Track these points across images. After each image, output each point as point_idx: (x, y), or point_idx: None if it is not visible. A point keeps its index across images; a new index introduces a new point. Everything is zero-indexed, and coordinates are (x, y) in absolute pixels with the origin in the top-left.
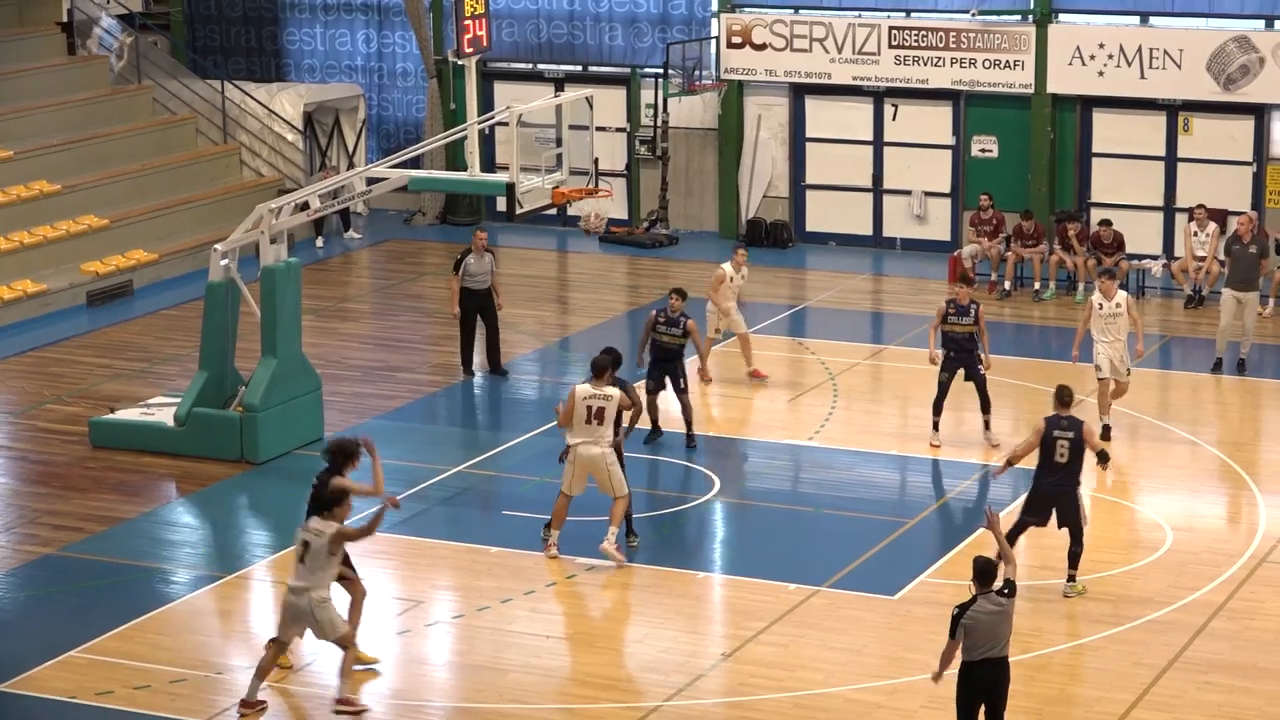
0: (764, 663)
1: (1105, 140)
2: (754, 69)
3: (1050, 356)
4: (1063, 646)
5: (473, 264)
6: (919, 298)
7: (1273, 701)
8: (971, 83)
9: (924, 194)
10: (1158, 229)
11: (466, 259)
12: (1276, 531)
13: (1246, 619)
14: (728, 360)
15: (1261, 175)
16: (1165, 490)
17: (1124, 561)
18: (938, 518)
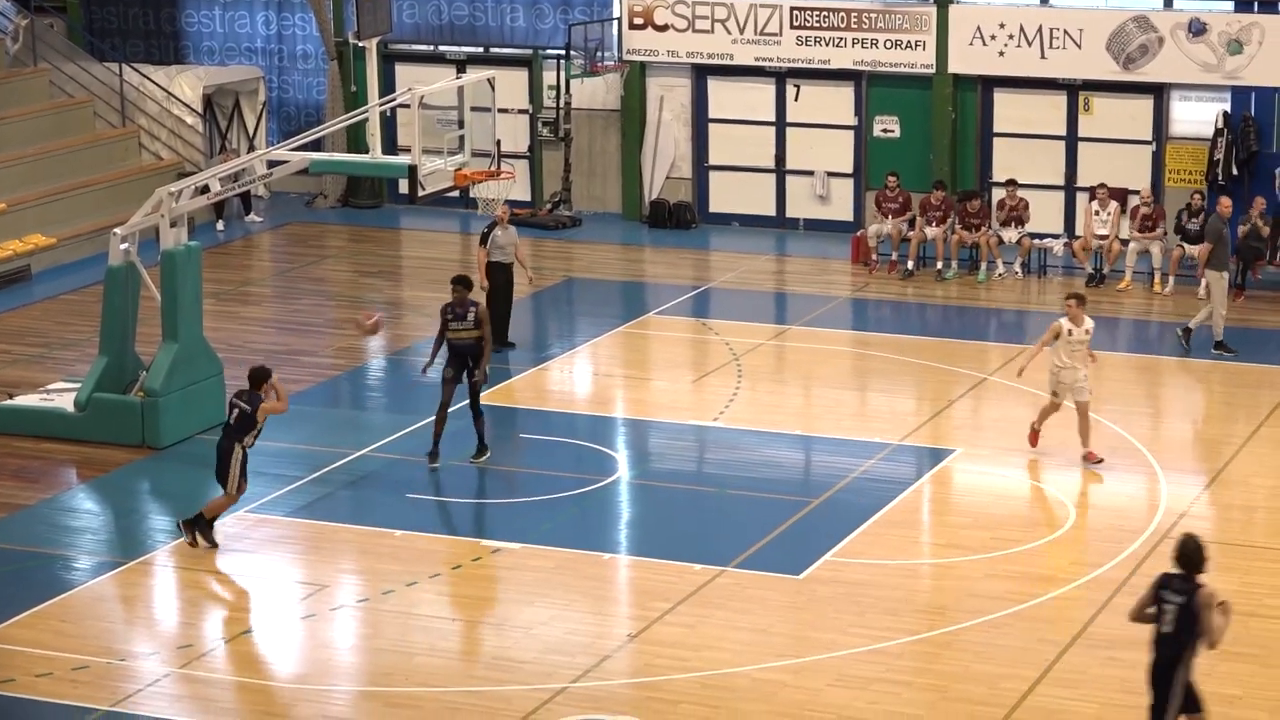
0: (670, 643)
1: (1006, 120)
2: (656, 50)
3: (951, 336)
4: (968, 624)
5: (500, 236)
6: (822, 278)
7: None
8: (873, 63)
9: (826, 174)
10: (1059, 208)
11: (494, 231)
12: (1178, 507)
13: None
14: (631, 341)
15: (1161, 154)
16: (1069, 468)
17: (1028, 539)
18: (842, 497)
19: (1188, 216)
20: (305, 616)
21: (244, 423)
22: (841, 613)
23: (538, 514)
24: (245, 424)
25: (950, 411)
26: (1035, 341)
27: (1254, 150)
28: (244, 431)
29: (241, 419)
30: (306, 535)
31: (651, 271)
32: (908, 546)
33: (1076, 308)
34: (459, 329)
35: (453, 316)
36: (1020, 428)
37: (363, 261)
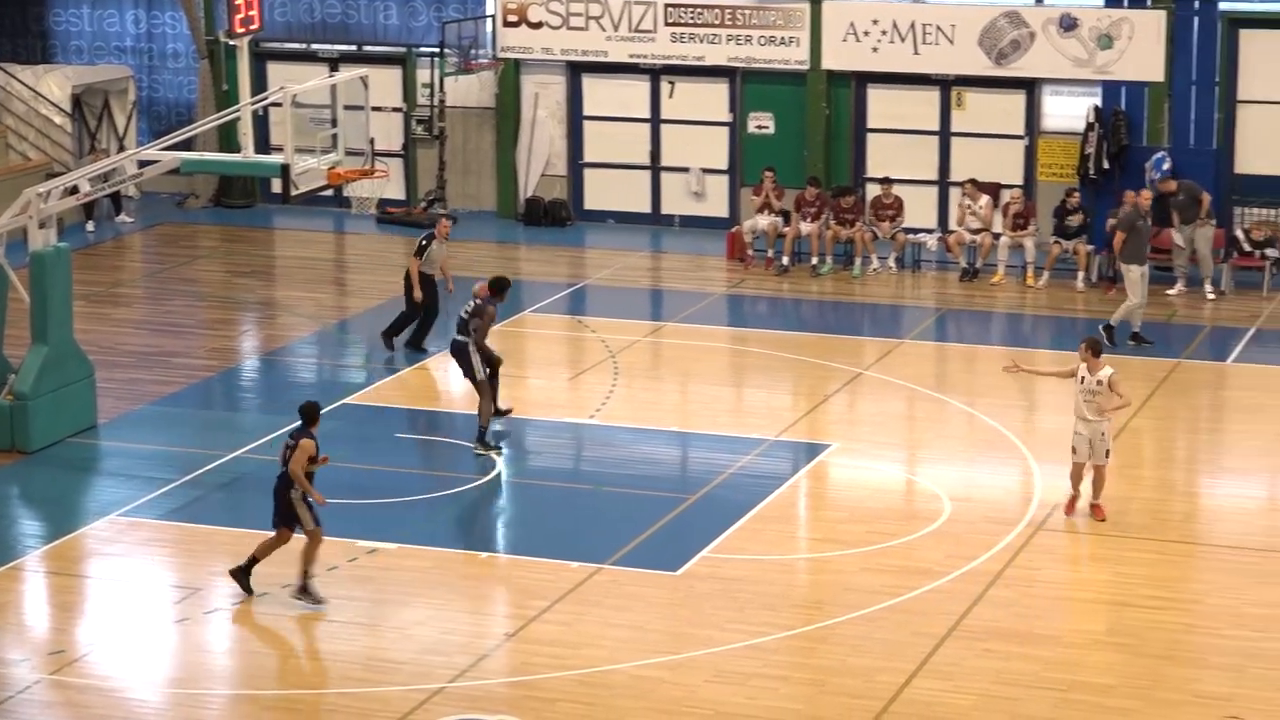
0: (547, 641)
1: (880, 116)
2: (530, 47)
3: (827, 331)
4: (843, 618)
5: (435, 250)
6: (698, 274)
7: (1050, 666)
8: (747, 60)
9: (702, 171)
10: (932, 203)
11: (431, 245)
12: (1052, 499)
13: (1024, 586)
14: (507, 339)
15: (1033, 149)
16: (943, 461)
17: (903, 532)
18: (719, 493)
19: (1064, 214)
20: (179, 620)
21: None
22: (719, 609)
23: (414, 514)
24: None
25: (826, 406)
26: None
27: (1124, 144)
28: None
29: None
30: (180, 538)
31: (527, 269)
32: (784, 542)
33: (1091, 356)
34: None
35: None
36: (896, 421)
37: (235, 262)
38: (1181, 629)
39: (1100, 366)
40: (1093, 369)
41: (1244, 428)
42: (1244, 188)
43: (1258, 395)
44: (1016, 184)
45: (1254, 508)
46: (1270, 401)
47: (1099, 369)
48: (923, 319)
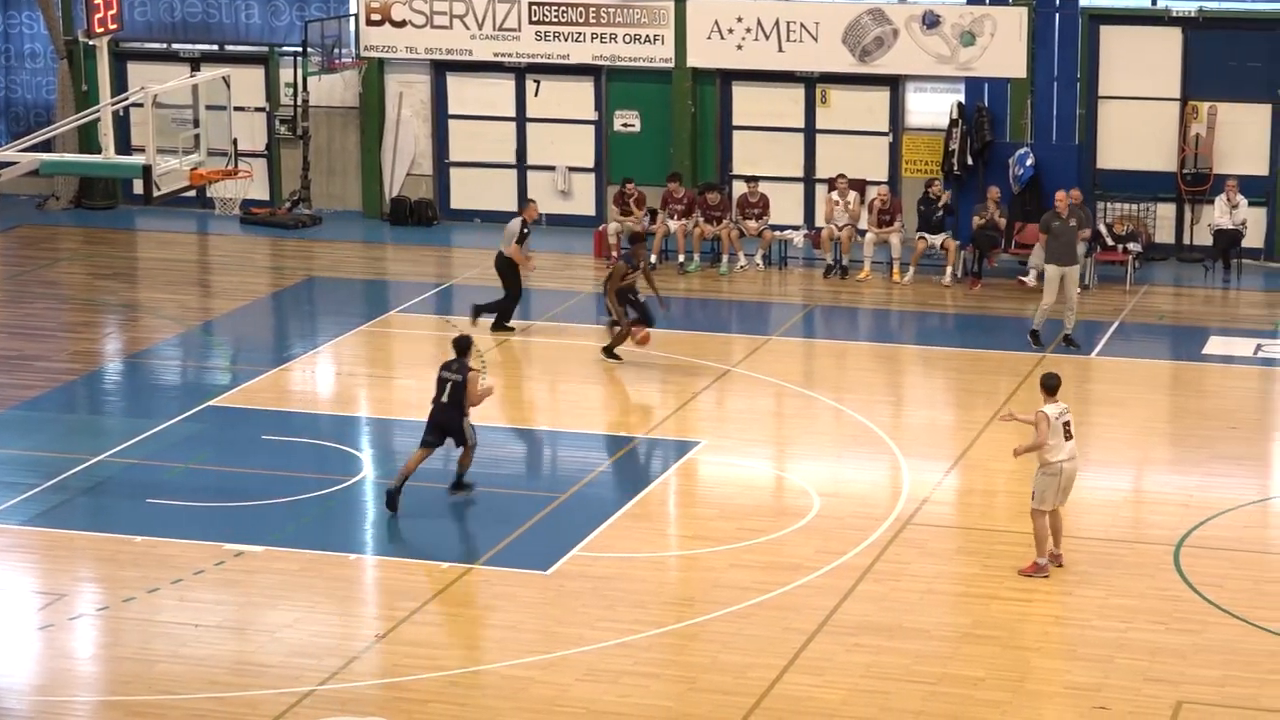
0: (418, 643)
1: (746, 113)
2: (394, 46)
3: (695, 329)
4: (714, 615)
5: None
6: (565, 273)
7: (919, 660)
8: (612, 58)
9: (568, 169)
10: (799, 200)
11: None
12: (920, 494)
13: (893, 580)
14: (374, 340)
15: (898, 145)
16: (812, 457)
17: (773, 528)
18: (590, 491)
19: (926, 206)
20: (43, 627)
21: (458, 394)
22: (590, 607)
23: (282, 516)
24: (459, 395)
25: (695, 404)
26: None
27: (988, 140)
28: (459, 401)
29: (455, 390)
30: (43, 544)
31: (393, 269)
32: (655, 539)
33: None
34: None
35: (630, 269)
36: (764, 418)
37: (97, 264)
38: (1050, 621)
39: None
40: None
41: (1108, 421)
42: (1106, 183)
43: (1121, 388)
44: (881, 181)
45: (1120, 500)
46: (1134, 394)
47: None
48: (790, 315)
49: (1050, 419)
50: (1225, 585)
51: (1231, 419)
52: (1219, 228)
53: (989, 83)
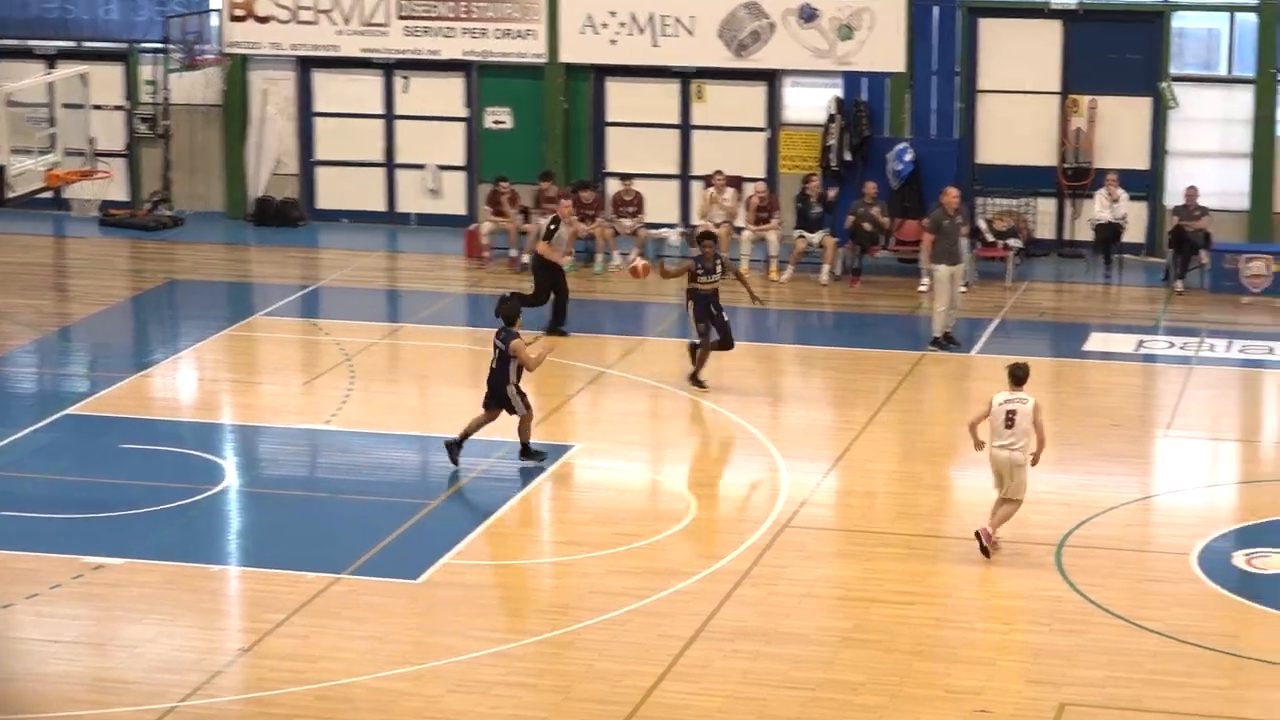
0: (284, 656)
1: (620, 109)
2: (258, 42)
3: (570, 330)
4: (589, 622)
5: (563, 232)
6: (435, 274)
7: (797, 665)
8: (484, 53)
9: (438, 168)
10: (674, 197)
11: (560, 227)
12: (799, 496)
13: (770, 584)
14: (238, 344)
15: (775, 141)
16: (688, 459)
17: (649, 533)
18: (460, 498)
19: (804, 203)
20: None
21: (504, 361)
22: (461, 616)
23: (142, 527)
24: (505, 362)
25: (569, 407)
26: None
27: (866, 135)
28: (506, 369)
29: (501, 358)
30: None
31: (258, 271)
32: (528, 546)
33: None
34: (708, 281)
35: (702, 270)
36: (640, 420)
37: None
38: (930, 624)
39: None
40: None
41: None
42: (986, 178)
43: (1000, 386)
44: (759, 177)
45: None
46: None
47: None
48: (666, 315)
49: (991, 406)
50: (1107, 585)
51: (1113, 416)
52: (1100, 222)
53: (867, 77)
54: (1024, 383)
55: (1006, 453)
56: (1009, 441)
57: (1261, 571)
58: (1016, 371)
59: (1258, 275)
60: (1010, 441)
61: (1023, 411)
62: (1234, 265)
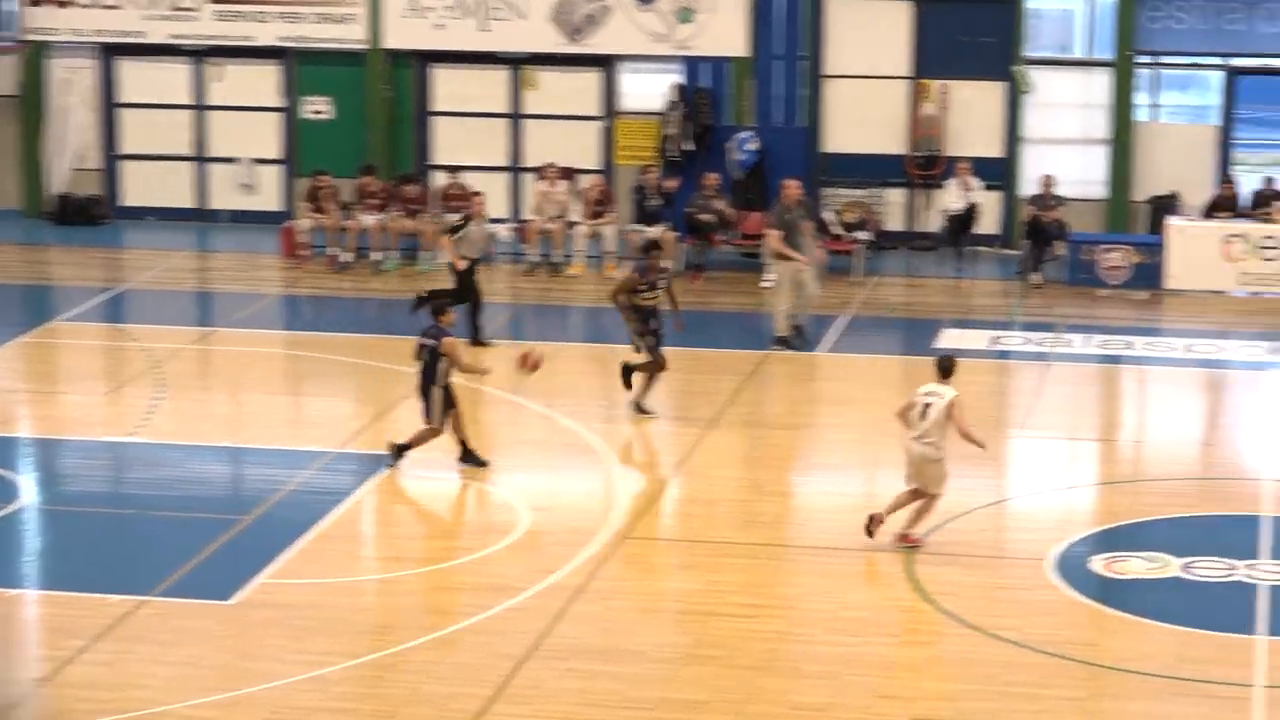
0: (87, 684)
1: (447, 98)
2: (58, 28)
3: (393, 332)
4: (415, 642)
5: (474, 231)
6: (250, 274)
7: (636, 684)
8: (301, 39)
9: (253, 161)
10: (505, 191)
11: (469, 225)
12: (637, 506)
13: (607, 600)
14: (35, 351)
15: (611, 131)
16: (520, 468)
17: (478, 547)
18: (277, 513)
19: (643, 196)
20: None
21: (435, 359)
22: (278, 639)
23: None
24: (436, 360)
25: (393, 414)
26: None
27: (708, 124)
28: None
29: (430, 356)
30: None
31: (58, 273)
32: (350, 562)
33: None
34: (650, 296)
35: (646, 285)
36: (468, 427)
37: None
38: (775, 637)
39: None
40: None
41: (835, 421)
42: (833, 167)
43: (849, 386)
44: (594, 169)
45: (848, 505)
46: (862, 393)
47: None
48: (496, 316)
49: (915, 396)
50: (960, 593)
51: (966, 417)
52: (952, 213)
53: (708, 62)
54: (950, 375)
55: (919, 446)
56: (920, 434)
57: (1120, 577)
58: (942, 363)
59: (1116, 267)
60: (921, 434)
61: (937, 405)
62: (1092, 256)
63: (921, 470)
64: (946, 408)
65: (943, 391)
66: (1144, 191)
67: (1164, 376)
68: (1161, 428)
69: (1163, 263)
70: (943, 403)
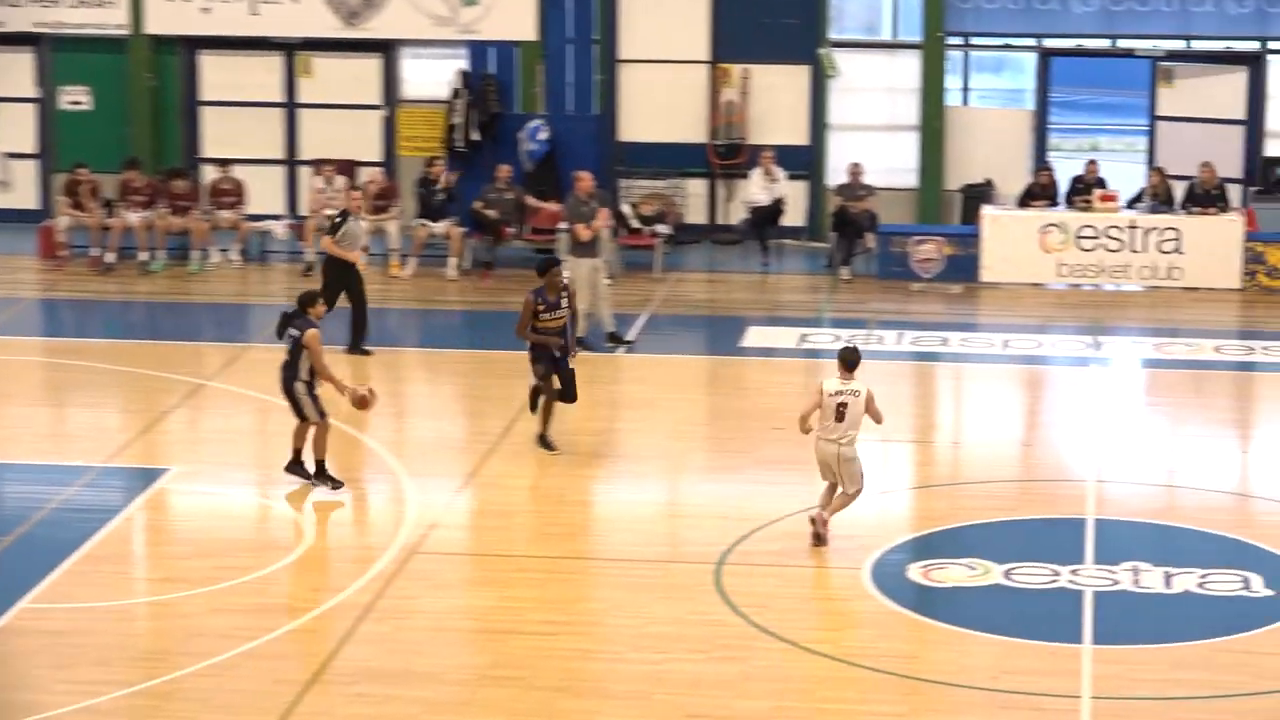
0: None
1: (216, 87)
2: None
3: (162, 337)
4: (192, 669)
5: (353, 227)
6: (5, 277)
7: (430, 708)
8: (56, 25)
9: (6, 156)
10: (280, 185)
11: (348, 221)
12: (427, 518)
13: (399, 619)
14: None
15: (393, 120)
16: (300, 482)
17: (259, 565)
18: (38, 533)
19: (427, 189)
20: None
21: (297, 353)
22: (43, 668)
23: None
24: (298, 354)
25: (163, 425)
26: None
27: (495, 113)
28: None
29: (295, 350)
30: None
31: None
32: (119, 585)
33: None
34: (552, 319)
35: (545, 306)
36: (245, 438)
37: None
38: (577, 655)
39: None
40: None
41: (637, 426)
42: (630, 157)
43: (652, 388)
44: (376, 161)
45: (653, 514)
46: (665, 395)
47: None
48: (272, 319)
49: (823, 394)
50: (772, 606)
51: (775, 419)
52: (756, 204)
53: (495, 47)
54: (855, 368)
55: (835, 447)
56: (837, 436)
57: (939, 585)
58: (847, 357)
59: (929, 259)
60: (839, 436)
61: (854, 404)
62: (903, 249)
63: (840, 470)
64: (866, 404)
65: (857, 389)
66: (957, 180)
67: (981, 374)
68: (979, 428)
69: (977, 254)
70: (860, 401)
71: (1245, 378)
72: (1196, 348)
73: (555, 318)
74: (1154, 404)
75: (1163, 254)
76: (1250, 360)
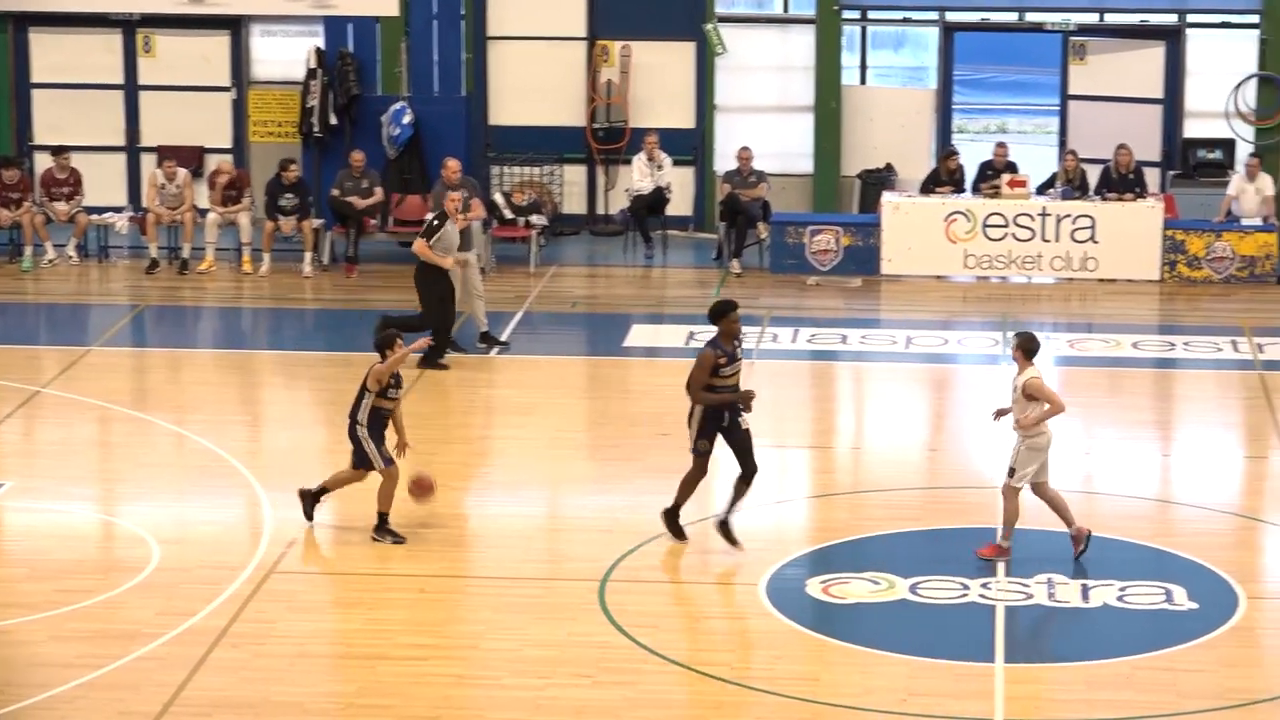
0: None
1: (48, 68)
2: None
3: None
4: (30, 701)
5: (449, 233)
6: None
7: None
8: None
9: None
10: (120, 174)
11: (445, 225)
12: (286, 535)
13: (256, 644)
14: None
15: (243, 103)
16: (148, 495)
17: (101, 588)
18: None
19: (280, 188)
20: None
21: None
22: None
23: None
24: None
25: None
26: None
27: (355, 94)
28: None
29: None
30: None
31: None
32: None
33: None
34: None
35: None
36: (85, 449)
37: None
38: (452, 681)
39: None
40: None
41: (513, 432)
42: (501, 142)
43: (528, 392)
44: (224, 148)
45: (531, 528)
46: (543, 398)
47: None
48: (115, 319)
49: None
50: (661, 625)
51: (662, 424)
52: (639, 193)
53: (354, 23)
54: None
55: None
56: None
57: (841, 601)
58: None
59: (825, 250)
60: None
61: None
62: (798, 239)
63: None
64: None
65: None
66: (854, 165)
67: (883, 374)
68: (882, 432)
69: (878, 245)
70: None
71: (1165, 375)
72: (1113, 344)
73: (734, 371)
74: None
75: (1076, 243)
76: (1170, 357)
